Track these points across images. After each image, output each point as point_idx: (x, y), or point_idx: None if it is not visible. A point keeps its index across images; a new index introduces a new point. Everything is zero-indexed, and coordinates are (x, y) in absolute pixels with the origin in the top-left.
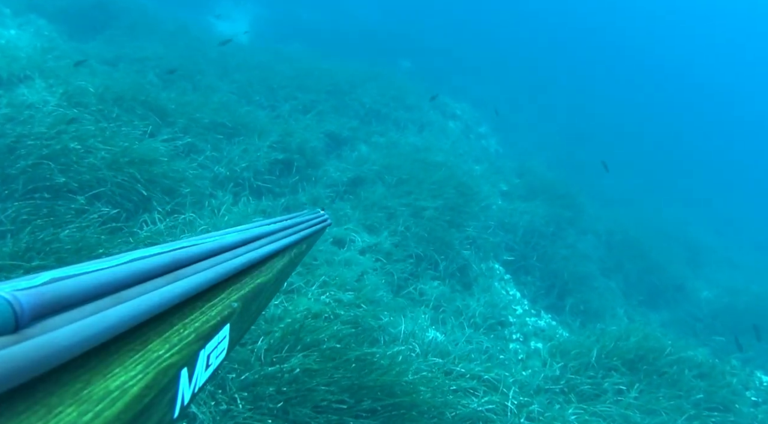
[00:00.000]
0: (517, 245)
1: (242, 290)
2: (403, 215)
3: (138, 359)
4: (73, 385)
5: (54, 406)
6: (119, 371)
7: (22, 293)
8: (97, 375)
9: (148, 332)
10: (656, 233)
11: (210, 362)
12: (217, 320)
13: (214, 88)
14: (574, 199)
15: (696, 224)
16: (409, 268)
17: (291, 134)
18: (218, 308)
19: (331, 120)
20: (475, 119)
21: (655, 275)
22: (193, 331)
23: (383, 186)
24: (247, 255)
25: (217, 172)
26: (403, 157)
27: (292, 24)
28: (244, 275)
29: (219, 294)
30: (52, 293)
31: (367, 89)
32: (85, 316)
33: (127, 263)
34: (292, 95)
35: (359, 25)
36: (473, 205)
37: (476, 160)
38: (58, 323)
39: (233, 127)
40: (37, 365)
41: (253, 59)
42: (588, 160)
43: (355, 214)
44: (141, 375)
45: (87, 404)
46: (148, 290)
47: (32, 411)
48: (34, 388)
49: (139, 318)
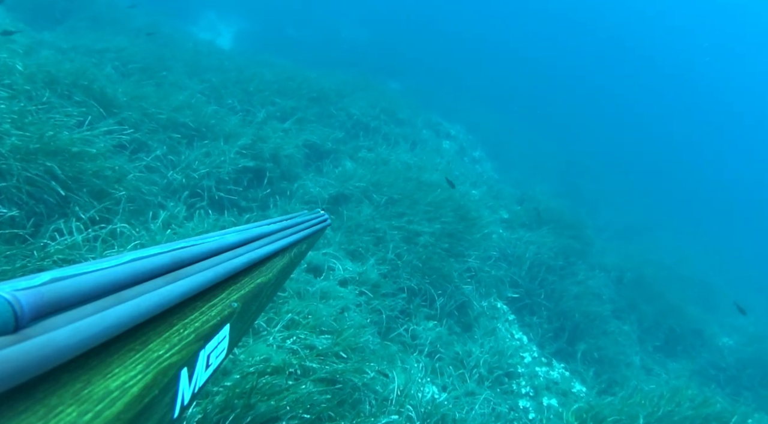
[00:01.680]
0: (523, 280)
1: (242, 290)
2: (393, 239)
3: (138, 359)
4: (73, 385)
5: (54, 406)
6: (119, 371)
7: (22, 293)
8: (97, 375)
9: (148, 332)
10: (666, 270)
11: (210, 362)
12: (217, 320)
13: (181, 86)
14: (582, 230)
15: (699, 258)
16: (400, 304)
17: (264, 140)
18: (218, 308)
19: (314, 130)
20: (469, 142)
21: (672, 318)
22: (193, 331)
23: (371, 206)
24: (247, 255)
25: (171, 178)
26: (394, 175)
27: (277, 39)
28: (244, 275)
29: (219, 294)
30: (52, 293)
31: (355, 100)
32: (85, 316)
33: (127, 263)
34: (270, 100)
35: (347, 44)
36: (474, 231)
37: (473, 183)
38: (58, 323)
39: (196, 129)
40: (37, 365)
41: (230, 62)
42: (587, 187)
43: (336, 236)
44: (141, 375)
45: (87, 404)
46: (148, 290)
47: (32, 411)
48: (34, 388)
49: (139, 318)
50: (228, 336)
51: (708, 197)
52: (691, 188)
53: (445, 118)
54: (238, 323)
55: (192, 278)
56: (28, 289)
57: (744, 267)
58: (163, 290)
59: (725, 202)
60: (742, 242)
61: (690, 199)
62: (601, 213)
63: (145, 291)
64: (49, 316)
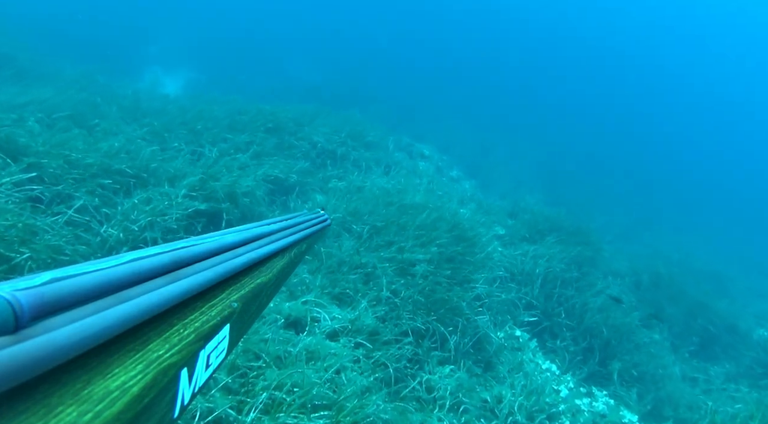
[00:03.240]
0: (537, 299)
1: (242, 290)
2: (386, 274)
3: (138, 359)
4: (73, 385)
5: (54, 406)
6: (119, 371)
7: (22, 293)
8: (97, 375)
9: (148, 332)
10: (677, 267)
11: (210, 362)
12: (217, 320)
13: (117, 132)
14: (588, 236)
15: (702, 251)
16: (408, 351)
17: (216, 178)
18: (218, 308)
19: (274, 163)
20: (444, 162)
21: (702, 318)
22: (193, 331)
23: (352, 238)
24: (247, 255)
25: (106, 234)
26: (372, 202)
27: (228, 85)
28: (244, 275)
29: (219, 294)
30: (52, 293)
31: (316, 127)
32: (85, 316)
33: (127, 263)
34: (221, 137)
35: (302, 83)
36: (476, 251)
37: (460, 201)
38: (58, 323)
39: (135, 175)
40: (37, 365)
41: (174, 105)
42: (575, 194)
43: (316, 280)
44: (141, 375)
45: (87, 404)
46: (148, 290)
47: (32, 411)
48: (34, 388)
49: (139, 318)
50: (228, 336)
51: (696, 190)
52: (679, 183)
53: (415, 140)
54: (238, 323)
55: (192, 278)
56: (28, 289)
57: (746, 253)
58: (163, 290)
59: (714, 193)
60: (738, 229)
61: (678, 194)
62: (594, 218)
63: (145, 291)
64: (49, 316)
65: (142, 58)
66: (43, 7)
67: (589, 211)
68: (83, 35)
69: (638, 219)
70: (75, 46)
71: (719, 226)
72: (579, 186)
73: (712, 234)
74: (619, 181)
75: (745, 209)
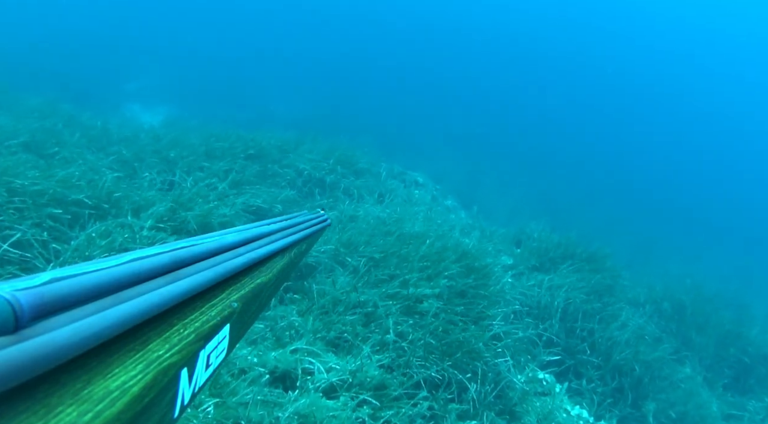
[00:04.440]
0: (558, 335)
1: (242, 290)
2: (390, 313)
3: (138, 359)
4: (73, 385)
5: (54, 406)
6: (119, 371)
7: (21, 293)
8: (97, 375)
9: (148, 332)
10: (696, 293)
11: (210, 362)
12: (217, 320)
13: (79, 161)
14: (604, 262)
15: (713, 273)
16: (422, 407)
17: (188, 207)
18: (218, 308)
19: (256, 192)
20: (438, 191)
21: (733, 347)
22: (193, 331)
23: (347, 273)
24: (247, 255)
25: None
26: (368, 232)
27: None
28: (244, 275)
29: (219, 294)
30: (52, 293)
31: (302, 154)
32: (85, 316)
33: (127, 263)
34: (197, 165)
35: (286, 116)
36: (489, 283)
37: (462, 231)
38: (58, 323)
39: (95, 205)
40: (37, 365)
41: (147, 133)
42: (574, 219)
43: (307, 323)
44: (141, 375)
45: (87, 404)
46: (148, 290)
47: (32, 411)
48: (34, 388)
49: (139, 318)
50: (228, 336)
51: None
52: (679, 203)
53: (407, 167)
54: (238, 322)
55: (192, 278)
56: (28, 289)
57: (757, 274)
58: (163, 290)
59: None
60: (742, 249)
61: (678, 214)
62: (598, 242)
63: (145, 291)
64: (49, 316)
65: (119, 95)
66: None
67: (592, 235)
68: (57, 69)
69: (641, 242)
70: (47, 80)
71: (723, 246)
72: (578, 210)
73: (718, 255)
74: (617, 203)
75: (748, 229)
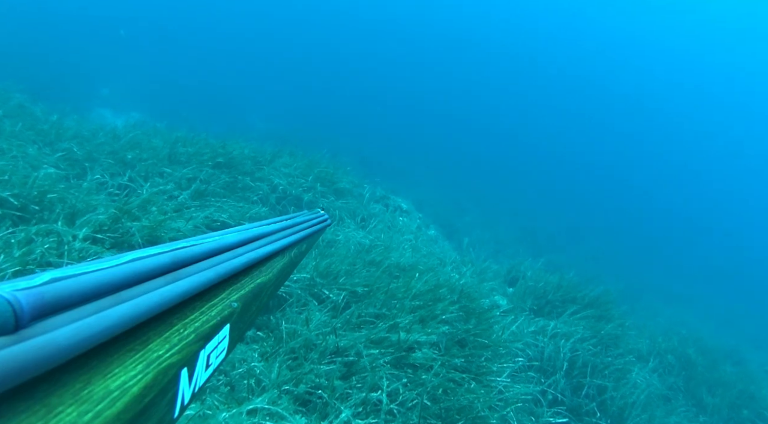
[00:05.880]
0: (563, 392)
1: (242, 290)
2: (376, 364)
3: (138, 359)
4: (73, 385)
5: (54, 406)
6: (119, 371)
7: (22, 293)
8: (97, 375)
9: (148, 332)
10: (696, 346)
11: (210, 362)
12: (217, 320)
13: (16, 155)
14: (608, 308)
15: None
16: None
17: (135, 216)
18: (218, 308)
19: (222, 205)
20: (421, 220)
21: (747, 409)
22: (193, 331)
23: (324, 309)
24: (247, 255)
25: None
26: (349, 260)
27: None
28: (244, 275)
29: (219, 294)
30: (52, 293)
31: (277, 168)
32: (85, 316)
33: (127, 263)
34: (157, 170)
35: (263, 131)
36: (491, 330)
37: (453, 265)
38: (58, 323)
39: (21, 207)
40: (37, 365)
41: (106, 132)
42: (559, 258)
43: (271, 371)
44: (141, 375)
45: (87, 404)
46: (148, 290)
47: (32, 411)
48: (34, 388)
49: (139, 318)
50: (228, 336)
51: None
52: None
53: (389, 192)
54: (238, 322)
55: (192, 278)
56: (28, 289)
57: (746, 324)
58: (163, 290)
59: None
60: (728, 295)
61: (663, 258)
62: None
63: (145, 291)
64: (49, 316)
65: (91, 99)
66: None
67: (586, 273)
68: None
69: (629, 286)
70: (7, 68)
71: (710, 292)
72: (563, 244)
73: (707, 302)
74: (602, 236)
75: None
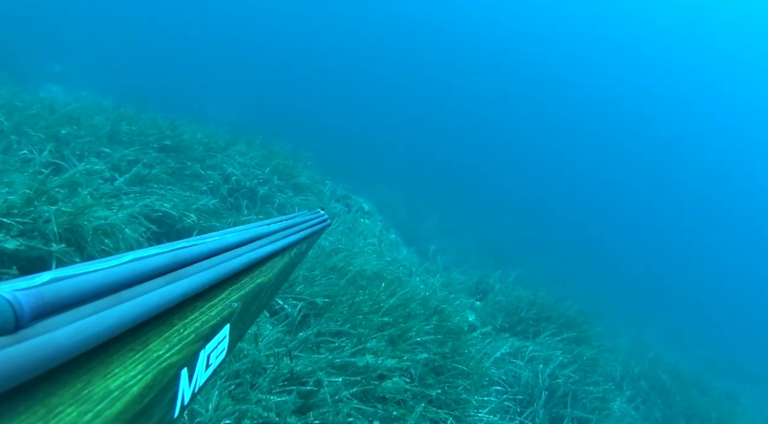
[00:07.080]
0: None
1: (242, 290)
2: (340, 397)
3: (138, 359)
4: (73, 385)
5: (54, 406)
6: (119, 371)
7: (22, 293)
8: (97, 375)
9: (148, 332)
10: (667, 373)
11: (210, 362)
12: (217, 320)
13: None
14: (584, 329)
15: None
16: None
17: (54, 199)
18: (218, 308)
19: (167, 194)
20: (382, 223)
21: None
22: (193, 331)
23: (277, 324)
24: (247, 255)
25: None
26: (307, 264)
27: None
28: (244, 275)
29: (219, 294)
30: (52, 293)
31: (232, 156)
32: (85, 316)
33: (127, 263)
34: (95, 149)
35: (220, 119)
36: (470, 354)
37: (420, 274)
38: (58, 323)
39: None
40: (37, 365)
41: (43, 103)
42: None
43: (210, 399)
44: (141, 375)
45: (87, 404)
46: (148, 290)
47: (32, 411)
48: (34, 388)
49: (139, 318)
50: (228, 336)
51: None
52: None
53: (350, 191)
54: (238, 322)
55: (192, 278)
56: (28, 289)
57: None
58: (163, 290)
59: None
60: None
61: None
62: (574, 306)
63: (145, 291)
64: (49, 316)
65: (41, 74)
66: None
67: (556, 289)
68: None
69: (592, 305)
70: None
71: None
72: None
73: (663, 321)
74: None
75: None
